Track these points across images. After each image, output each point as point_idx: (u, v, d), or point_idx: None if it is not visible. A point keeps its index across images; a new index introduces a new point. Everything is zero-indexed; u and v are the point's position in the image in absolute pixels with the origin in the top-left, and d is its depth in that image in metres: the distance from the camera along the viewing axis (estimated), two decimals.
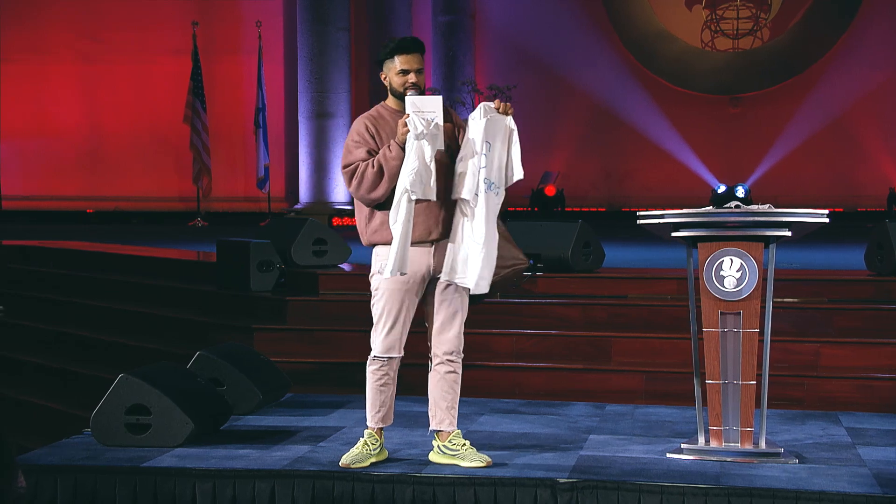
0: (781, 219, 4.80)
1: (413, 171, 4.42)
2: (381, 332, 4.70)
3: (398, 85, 4.62)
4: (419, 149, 4.44)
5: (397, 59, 4.60)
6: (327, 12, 17.34)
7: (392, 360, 4.75)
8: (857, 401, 6.07)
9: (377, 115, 4.69)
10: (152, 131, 21.01)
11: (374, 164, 4.52)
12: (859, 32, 19.95)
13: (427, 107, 4.48)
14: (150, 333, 8.08)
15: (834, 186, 19.55)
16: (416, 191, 4.43)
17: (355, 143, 4.61)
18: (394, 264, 4.48)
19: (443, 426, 4.78)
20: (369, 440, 4.77)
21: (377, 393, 4.77)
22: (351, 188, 4.61)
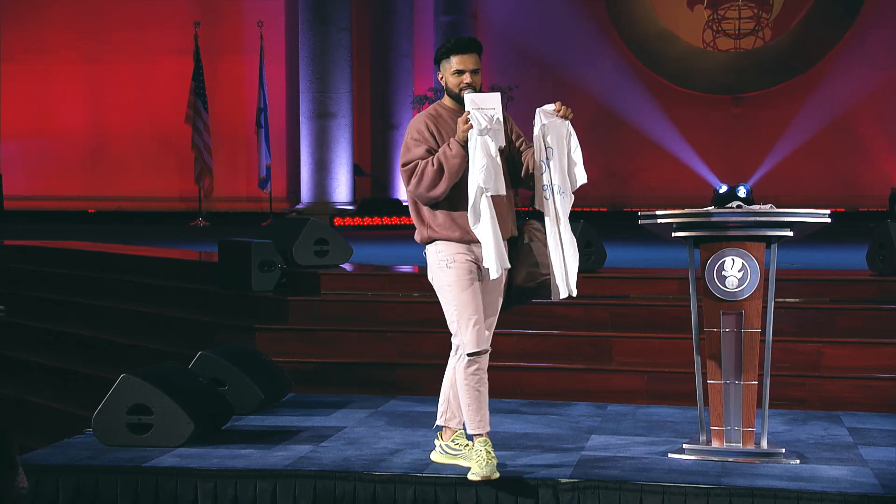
0: (783, 219, 4.79)
1: (483, 167, 4.37)
2: (468, 327, 4.50)
3: (454, 85, 4.56)
4: (485, 145, 4.39)
5: (453, 59, 4.54)
6: (329, 12, 17.35)
7: (484, 355, 4.57)
8: (859, 401, 6.06)
9: (436, 113, 4.64)
10: (154, 131, 21.04)
11: (434, 163, 4.46)
12: (861, 32, 19.95)
13: (486, 103, 4.43)
14: (151, 333, 8.08)
15: (835, 186, 19.56)
16: (490, 187, 4.37)
17: (415, 142, 4.53)
18: (496, 263, 4.38)
19: (451, 423, 4.71)
20: (488, 447, 4.52)
21: (478, 395, 4.54)
22: (410, 186, 4.53)
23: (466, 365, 4.56)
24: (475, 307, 4.52)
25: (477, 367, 4.57)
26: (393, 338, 6.93)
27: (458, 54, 4.54)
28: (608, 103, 20.15)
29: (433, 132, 4.56)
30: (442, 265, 4.57)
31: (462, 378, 4.57)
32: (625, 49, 20.60)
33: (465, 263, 4.52)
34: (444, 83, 4.62)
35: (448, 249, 4.56)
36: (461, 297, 4.52)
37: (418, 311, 7.16)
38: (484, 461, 4.52)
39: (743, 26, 20.66)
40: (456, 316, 4.55)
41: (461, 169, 4.43)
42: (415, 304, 7.25)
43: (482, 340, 4.54)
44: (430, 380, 6.61)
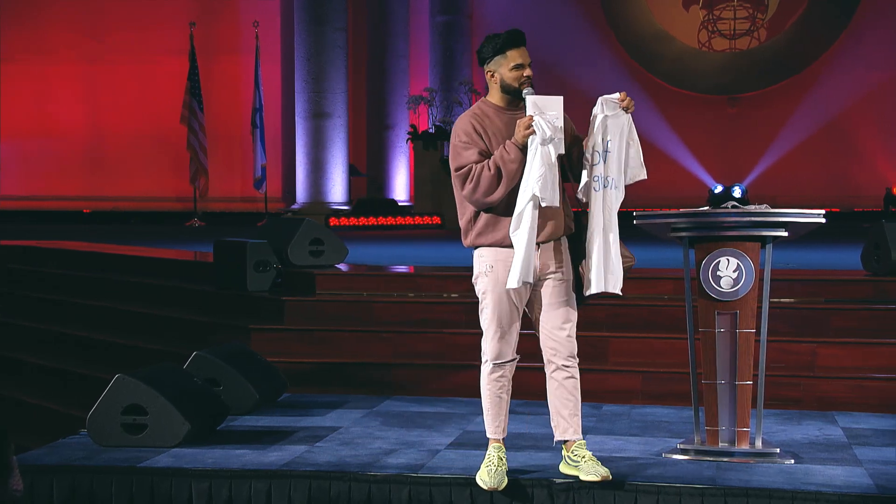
0: (778, 219, 4.80)
1: (541, 177, 4.22)
2: (493, 339, 4.46)
3: (513, 80, 4.37)
4: (546, 154, 4.24)
5: (510, 53, 4.38)
6: (325, 12, 17.34)
7: (509, 364, 4.52)
8: (854, 401, 6.07)
9: (481, 112, 4.46)
10: (151, 131, 21.03)
11: (490, 167, 4.31)
12: (857, 33, 19.98)
13: (549, 108, 4.27)
14: (147, 333, 8.08)
15: (831, 186, 19.59)
16: (546, 197, 4.25)
17: (464, 145, 4.38)
18: (519, 273, 4.28)
19: (566, 435, 4.54)
20: (500, 454, 4.52)
21: (497, 401, 4.52)
22: (464, 192, 4.38)
23: (490, 371, 4.53)
24: (506, 321, 4.44)
25: (500, 375, 4.53)
26: (388, 338, 6.93)
27: (514, 48, 4.39)
28: None
29: (481, 133, 4.39)
30: (481, 271, 4.48)
31: (485, 382, 4.55)
32: (621, 49, 20.63)
33: (506, 272, 4.37)
34: (496, 80, 4.43)
35: (489, 255, 4.45)
36: (493, 308, 4.45)
37: (414, 312, 7.17)
38: (494, 469, 4.49)
39: (738, 27, 20.68)
40: (485, 324, 4.50)
41: (519, 173, 4.29)
42: (410, 305, 7.25)
43: (504, 352, 4.48)
44: (425, 380, 6.62)
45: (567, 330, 4.47)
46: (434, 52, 20.52)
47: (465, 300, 7.18)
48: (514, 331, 4.49)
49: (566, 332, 4.47)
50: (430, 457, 4.94)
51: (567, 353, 4.48)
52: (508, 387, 4.56)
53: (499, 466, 4.50)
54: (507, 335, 4.47)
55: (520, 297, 4.46)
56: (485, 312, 4.50)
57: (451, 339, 6.83)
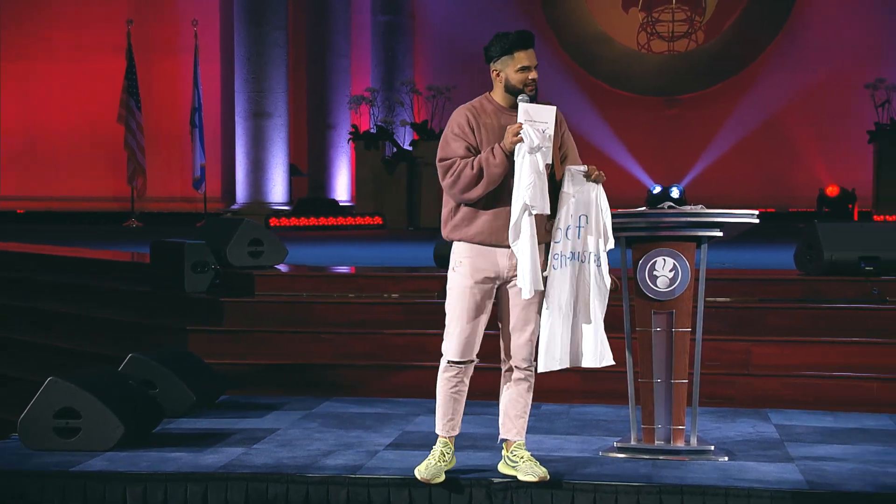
0: (713, 219, 4.87)
1: (531, 185, 4.22)
2: (452, 335, 4.46)
3: (518, 82, 4.36)
4: (534, 162, 4.23)
5: (518, 54, 4.36)
6: (264, 11, 17.22)
7: (467, 365, 4.51)
8: (787, 398, 6.17)
9: (479, 106, 4.45)
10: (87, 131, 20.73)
11: (473, 166, 4.30)
12: (792, 35, 20.31)
13: (540, 117, 4.26)
14: (83, 335, 7.96)
15: (767, 187, 19.88)
16: (537, 205, 4.24)
17: (454, 136, 4.38)
18: (529, 283, 4.27)
19: (509, 435, 4.58)
20: (445, 450, 4.53)
21: (450, 400, 4.51)
22: (444, 183, 4.38)
23: (445, 368, 4.52)
24: (468, 318, 4.43)
25: (456, 374, 4.52)
26: (328, 339, 6.90)
27: (522, 49, 4.37)
28: None
29: (473, 127, 4.38)
30: (452, 266, 4.48)
31: (440, 381, 4.54)
32: (561, 51, 20.75)
33: (474, 270, 4.40)
34: (501, 79, 4.41)
35: (460, 250, 4.45)
36: (456, 304, 4.45)
37: (354, 312, 7.15)
38: (434, 462, 4.50)
39: (676, 29, 20.91)
40: (447, 319, 4.49)
41: (501, 178, 4.30)
42: (350, 305, 7.23)
43: (465, 352, 4.47)
44: (365, 381, 6.60)
45: (528, 334, 4.50)
46: (376, 52, 20.46)
47: (405, 301, 7.18)
48: (476, 330, 4.47)
49: (527, 335, 4.50)
50: (369, 457, 4.94)
51: (524, 356, 4.52)
52: (463, 387, 4.55)
53: (439, 461, 4.52)
54: (467, 334, 4.46)
55: (485, 297, 4.45)
56: (448, 308, 4.50)
57: (390, 340, 6.83)
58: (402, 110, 18.07)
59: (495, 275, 4.44)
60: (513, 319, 4.49)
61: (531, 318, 4.49)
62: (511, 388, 4.56)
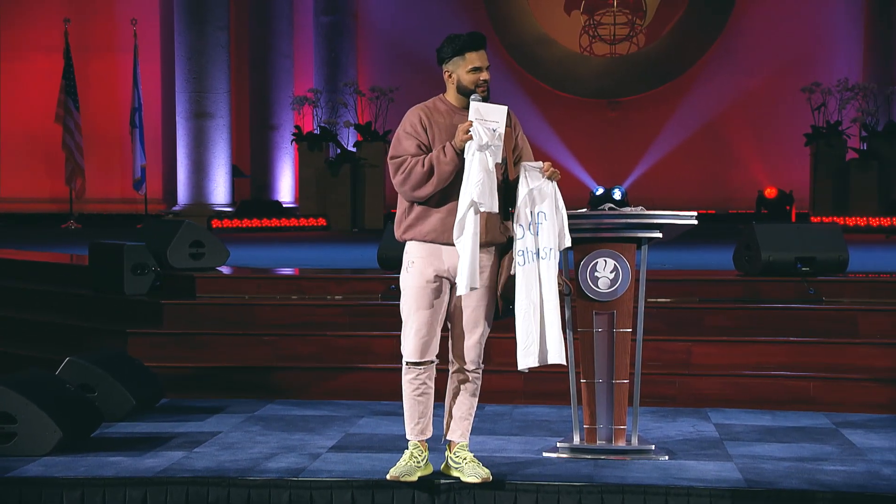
0: (652, 221, 4.92)
1: (479, 182, 4.24)
2: (408, 335, 4.47)
3: (470, 83, 4.38)
4: (483, 160, 4.26)
5: (469, 55, 4.38)
6: (206, 11, 17.05)
7: (427, 366, 4.50)
8: (726, 397, 6.26)
9: (433, 106, 4.48)
10: (23, 130, 20.38)
11: (424, 164, 4.33)
12: (730, 40, 20.60)
13: (491, 116, 4.29)
14: (20, 339, 7.82)
15: (707, 189, 20.13)
16: (485, 202, 4.26)
17: (406, 135, 4.41)
18: (466, 279, 4.26)
19: (453, 436, 4.59)
20: (415, 452, 4.53)
21: (415, 403, 4.52)
22: (395, 181, 4.39)
23: (406, 371, 4.53)
24: (423, 317, 4.44)
25: (416, 376, 4.52)
26: (270, 341, 6.86)
27: (474, 50, 4.39)
28: None
29: (426, 126, 4.41)
30: (405, 266, 4.49)
31: (404, 384, 4.55)
32: (504, 53, 20.82)
33: (426, 269, 4.41)
34: (454, 81, 4.44)
35: (412, 250, 4.46)
36: (410, 304, 4.46)
37: (296, 314, 7.11)
38: (404, 463, 4.51)
39: (618, 32, 21.09)
40: (403, 321, 4.49)
41: (451, 176, 4.32)
42: (293, 307, 7.19)
43: (422, 351, 4.47)
44: (307, 383, 6.57)
45: (477, 337, 4.51)
46: (319, 53, 20.37)
47: (348, 302, 7.16)
48: (431, 330, 4.47)
49: (476, 338, 4.51)
50: (312, 460, 4.91)
51: (471, 358, 4.53)
52: (428, 390, 4.55)
53: (408, 462, 4.52)
54: (423, 334, 4.46)
55: (439, 297, 4.45)
56: (402, 309, 4.51)
57: (333, 342, 6.80)
58: (346, 111, 18.01)
59: (447, 274, 4.45)
60: (463, 322, 4.50)
61: (480, 321, 4.50)
62: (457, 389, 4.58)
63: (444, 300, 4.48)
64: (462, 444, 4.58)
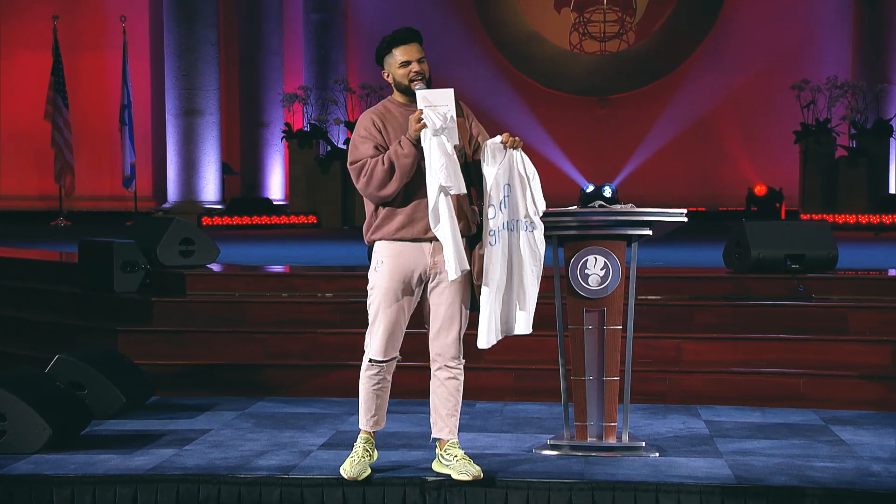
0: (642, 218, 4.93)
1: (443, 166, 4.26)
2: (375, 335, 4.49)
3: (402, 77, 4.43)
4: (441, 144, 4.28)
5: (396, 52, 4.43)
6: (195, 8, 17.02)
7: (388, 363, 4.53)
8: (716, 394, 6.27)
9: (384, 109, 4.51)
10: (11, 128, 20.32)
11: (384, 161, 4.34)
12: (720, 38, 20.63)
13: (439, 100, 4.33)
14: (10, 338, 7.80)
15: (697, 186, 20.17)
16: (453, 185, 4.27)
17: (362, 139, 4.43)
18: (455, 264, 4.28)
19: (441, 434, 4.59)
20: (367, 445, 4.58)
21: (373, 397, 4.56)
22: (359, 185, 4.41)
23: (367, 367, 4.55)
24: (391, 316, 4.46)
25: (377, 372, 4.55)
26: (261, 338, 6.85)
27: (400, 45, 4.44)
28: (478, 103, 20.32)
29: (380, 128, 4.44)
30: (374, 266, 4.50)
31: (362, 379, 4.57)
32: (494, 50, 20.83)
33: (395, 268, 4.43)
34: (391, 79, 4.49)
35: (381, 250, 4.48)
36: (379, 302, 4.47)
37: (286, 312, 7.10)
38: (357, 459, 4.54)
39: (608, 29, 21.12)
40: (370, 319, 4.51)
41: (413, 168, 4.34)
42: (283, 305, 7.18)
43: (384, 349, 4.49)
44: (297, 381, 6.57)
45: (455, 332, 4.52)
46: (308, 50, 20.35)
47: (338, 300, 7.15)
48: (398, 329, 4.50)
49: (454, 334, 4.52)
50: (303, 457, 4.91)
51: (452, 354, 4.53)
52: (385, 384, 4.59)
53: (362, 457, 4.56)
54: (389, 333, 4.48)
55: (407, 296, 4.47)
56: (371, 308, 4.52)
57: (323, 339, 6.80)
58: (336, 108, 18.01)
59: (417, 272, 4.46)
60: (439, 319, 4.51)
61: (456, 316, 4.52)
62: (441, 387, 4.58)
63: (413, 299, 4.51)
64: (452, 442, 4.59)
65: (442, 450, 4.59)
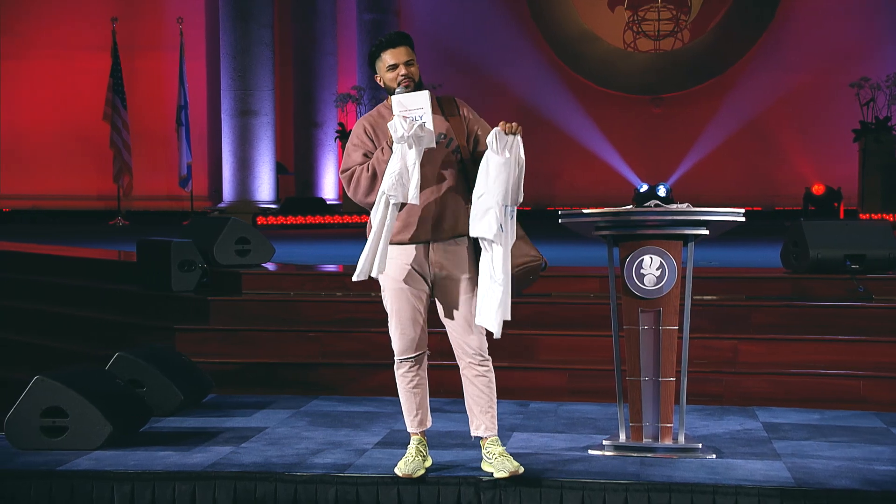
0: (699, 217, 4.88)
1: (393, 173, 4.29)
2: (394, 333, 4.57)
3: (390, 80, 4.46)
4: (403, 152, 4.30)
5: (385, 55, 4.46)
6: (250, 9, 17.18)
7: (415, 358, 4.57)
8: (773, 396, 6.20)
9: (377, 114, 4.56)
10: (71, 129, 20.65)
11: (368, 168, 4.41)
12: (776, 36, 20.39)
13: (413, 104, 4.33)
14: (70, 335, 7.93)
15: (752, 186, 19.95)
16: (396, 194, 4.30)
17: (353, 147, 4.50)
18: (361, 267, 4.36)
19: (479, 432, 4.59)
20: (419, 446, 4.60)
21: (411, 396, 4.60)
22: (349, 193, 4.50)
23: (397, 366, 4.61)
24: (404, 315, 4.51)
25: (408, 370, 4.58)
26: (315, 337, 6.89)
27: (387, 49, 4.46)
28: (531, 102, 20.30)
29: (371, 135, 4.49)
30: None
31: (397, 380, 4.63)
32: (547, 49, 20.77)
33: (396, 269, 4.48)
34: (382, 83, 4.53)
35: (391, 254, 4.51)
36: (390, 303, 4.55)
37: (341, 311, 7.14)
38: (410, 459, 4.56)
39: (662, 28, 20.97)
40: (389, 319, 4.58)
41: None
42: (337, 304, 7.22)
43: (405, 347, 4.54)
44: (351, 380, 6.60)
45: (471, 329, 4.52)
46: (362, 50, 20.45)
47: None
48: (415, 327, 4.53)
49: (471, 331, 4.52)
50: (357, 456, 4.93)
51: (474, 351, 4.54)
52: (421, 381, 4.61)
53: (415, 457, 4.58)
54: (407, 330, 4.53)
55: (417, 293, 4.51)
56: (386, 308, 4.60)
57: (377, 339, 6.79)
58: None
59: (420, 271, 4.50)
60: (455, 319, 4.54)
61: (470, 314, 4.53)
62: (471, 384, 4.59)
63: (424, 295, 4.54)
64: (492, 439, 4.59)
65: (483, 448, 4.61)
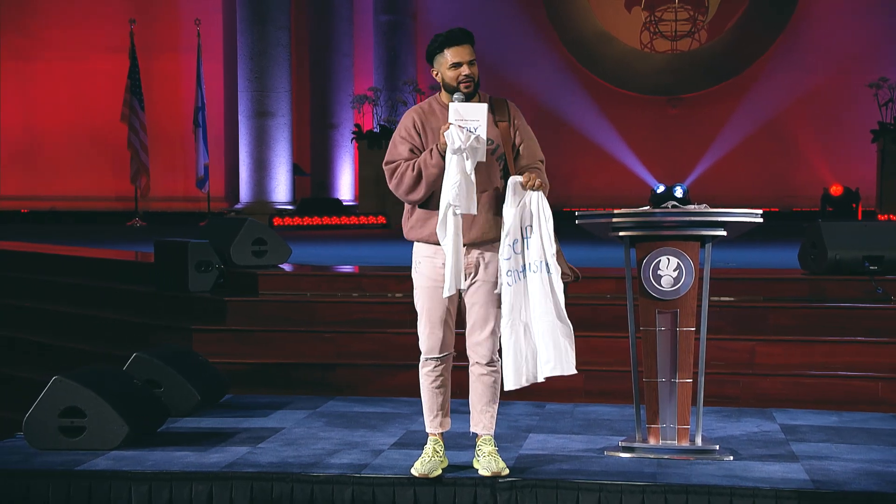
0: (717, 218, 4.86)
1: (455, 184, 4.25)
2: (423, 332, 4.56)
3: (451, 79, 4.40)
4: (459, 163, 4.27)
5: (448, 52, 4.41)
6: (267, 10, 17.23)
7: (443, 358, 4.57)
8: (791, 397, 6.17)
9: (427, 108, 4.53)
10: (89, 130, 20.75)
11: (413, 167, 4.38)
12: (793, 37, 20.31)
13: (471, 115, 4.29)
14: (87, 335, 7.96)
15: (770, 187, 19.88)
16: (461, 205, 4.28)
17: (401, 139, 4.47)
18: (450, 281, 4.34)
19: (476, 429, 4.65)
20: (436, 447, 4.60)
21: (433, 396, 4.60)
22: (390, 186, 4.48)
23: (423, 365, 4.62)
24: (434, 316, 4.52)
25: (433, 369, 4.59)
26: (331, 338, 6.91)
27: (451, 47, 4.41)
28: (547, 103, 20.29)
29: (419, 129, 4.47)
30: (414, 266, 4.58)
31: (421, 378, 4.64)
32: (563, 50, 20.75)
33: (431, 269, 4.49)
34: (439, 79, 4.48)
35: (419, 251, 4.55)
36: (421, 302, 4.56)
37: (357, 312, 7.15)
38: (427, 459, 4.57)
39: (679, 28, 20.92)
40: (418, 318, 4.58)
41: (439, 178, 4.35)
42: (353, 305, 7.23)
43: (433, 346, 4.54)
44: (367, 380, 6.61)
45: (487, 332, 4.54)
46: (378, 52, 20.48)
47: (408, 300, 7.13)
48: (444, 326, 4.54)
49: (486, 333, 4.54)
50: (374, 457, 4.94)
51: (485, 352, 4.56)
52: (444, 381, 4.62)
53: (432, 457, 4.59)
54: (436, 330, 4.53)
55: (450, 296, 4.50)
56: (417, 306, 4.60)
57: (394, 339, 6.82)
58: (405, 109, 18.06)
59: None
60: (472, 318, 4.55)
61: (490, 317, 4.53)
62: (476, 382, 4.62)
63: (453, 297, 4.53)
64: (486, 437, 4.64)
65: (477, 444, 4.66)
